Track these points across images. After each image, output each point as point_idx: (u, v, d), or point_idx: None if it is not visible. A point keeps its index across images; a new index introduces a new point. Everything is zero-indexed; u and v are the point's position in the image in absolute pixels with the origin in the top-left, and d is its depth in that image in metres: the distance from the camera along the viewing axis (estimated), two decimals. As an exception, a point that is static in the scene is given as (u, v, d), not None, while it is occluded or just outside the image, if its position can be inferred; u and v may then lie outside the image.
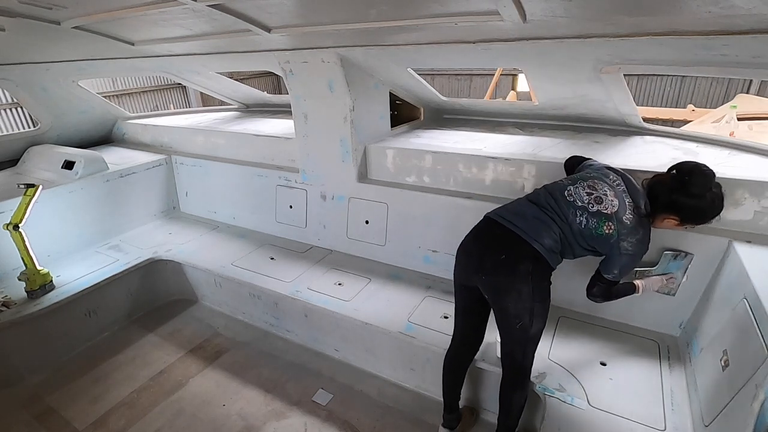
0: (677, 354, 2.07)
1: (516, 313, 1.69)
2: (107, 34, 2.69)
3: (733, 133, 5.03)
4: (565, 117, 3.12)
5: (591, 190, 1.74)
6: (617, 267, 1.73)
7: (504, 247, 1.70)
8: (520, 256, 1.67)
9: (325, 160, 3.05)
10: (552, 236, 1.69)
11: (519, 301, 1.67)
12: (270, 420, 2.37)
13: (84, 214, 3.38)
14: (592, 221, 1.69)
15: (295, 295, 2.71)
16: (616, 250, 1.69)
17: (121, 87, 11.64)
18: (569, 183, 1.81)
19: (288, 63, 2.81)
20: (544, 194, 1.81)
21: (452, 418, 2.13)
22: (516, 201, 1.88)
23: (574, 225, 1.70)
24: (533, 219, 1.72)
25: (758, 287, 1.59)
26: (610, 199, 1.71)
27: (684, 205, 1.67)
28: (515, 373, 1.82)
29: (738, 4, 1.34)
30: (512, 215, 1.77)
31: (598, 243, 1.71)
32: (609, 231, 1.67)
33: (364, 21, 2.04)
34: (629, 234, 1.67)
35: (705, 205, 1.67)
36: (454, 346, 2.04)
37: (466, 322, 1.99)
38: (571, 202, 1.73)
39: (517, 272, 1.66)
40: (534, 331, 1.73)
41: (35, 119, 3.96)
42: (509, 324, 1.74)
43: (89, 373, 2.74)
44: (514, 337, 1.77)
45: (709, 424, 1.57)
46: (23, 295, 2.75)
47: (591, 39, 1.88)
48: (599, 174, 1.81)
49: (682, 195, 1.66)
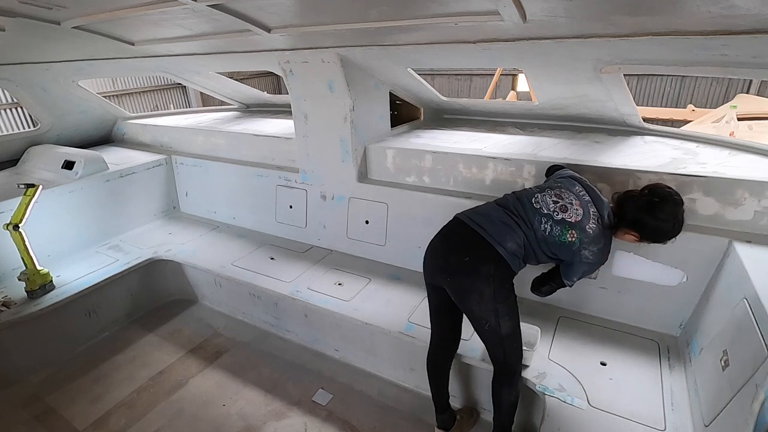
0: (677, 354, 2.07)
1: (480, 314, 1.74)
2: (107, 34, 2.69)
3: (733, 133, 5.03)
4: (565, 117, 3.12)
5: (557, 198, 1.80)
6: (577, 274, 1.82)
7: (468, 249, 1.75)
8: (483, 259, 1.72)
9: (325, 160, 3.05)
10: (516, 241, 1.74)
11: (481, 303, 1.72)
12: (270, 420, 2.37)
13: (84, 214, 3.38)
14: (556, 228, 1.74)
15: (295, 295, 2.71)
16: (578, 257, 1.75)
17: (121, 87, 11.63)
18: (537, 191, 1.87)
19: (288, 63, 2.81)
20: (512, 199, 1.87)
21: (445, 418, 2.15)
22: (486, 204, 1.93)
23: (539, 231, 1.75)
24: (499, 223, 1.77)
25: (758, 287, 1.59)
26: (575, 208, 1.76)
27: (647, 225, 1.74)
28: (501, 371, 1.87)
29: (738, 4, 1.34)
30: (480, 217, 1.81)
31: (561, 250, 1.76)
32: (572, 239, 1.73)
33: (364, 21, 2.04)
34: (591, 243, 1.73)
35: (667, 228, 1.75)
36: (432, 347, 2.09)
37: (439, 320, 2.04)
38: (538, 209, 1.78)
39: (478, 274, 1.71)
40: (505, 330, 1.76)
41: (35, 119, 3.96)
42: (478, 326, 1.79)
43: (89, 373, 2.74)
44: (487, 339, 1.82)
45: (709, 424, 1.57)
46: (23, 295, 2.75)
47: (591, 39, 1.88)
48: (567, 183, 1.88)
49: (648, 216, 1.73)
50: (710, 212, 2.09)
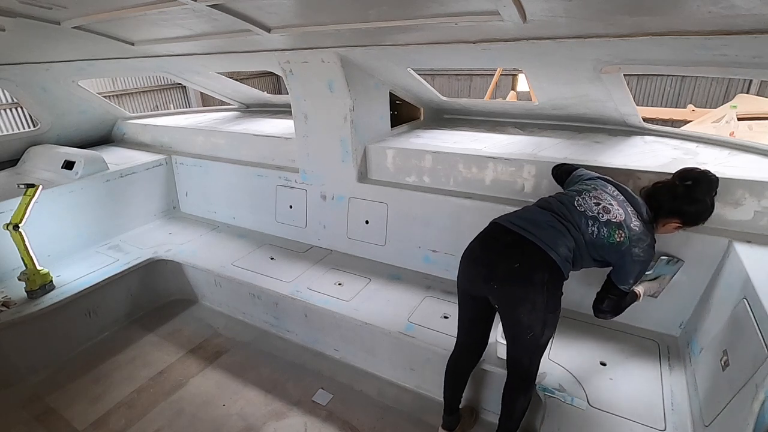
0: (677, 354, 2.07)
1: (529, 324, 1.66)
2: (107, 34, 2.69)
3: (733, 133, 5.02)
4: (565, 117, 3.12)
5: (598, 200, 1.75)
6: (632, 275, 1.72)
7: (518, 256, 1.66)
8: (536, 265, 1.63)
9: (325, 160, 3.05)
10: (567, 245, 1.67)
11: (533, 312, 1.64)
12: (270, 420, 2.37)
13: (84, 214, 3.38)
14: (603, 230, 1.68)
15: (295, 295, 2.71)
16: (629, 257, 1.68)
17: (121, 87, 11.62)
18: (576, 194, 1.81)
19: (288, 63, 2.81)
20: (555, 203, 1.79)
21: (452, 419, 2.13)
22: (525, 208, 1.85)
23: (587, 234, 1.69)
24: (548, 227, 1.69)
25: (758, 287, 1.59)
26: (616, 209, 1.72)
27: (687, 211, 1.74)
28: (521, 379, 1.81)
29: (738, 4, 1.34)
30: (525, 222, 1.73)
31: (610, 252, 1.70)
32: (620, 239, 1.67)
33: (364, 21, 2.04)
34: (639, 240, 1.68)
35: (704, 209, 1.75)
36: (458, 352, 2.02)
37: (471, 329, 1.96)
38: (582, 212, 1.72)
39: (532, 282, 1.62)
40: (543, 340, 1.72)
41: (35, 119, 3.96)
42: (520, 334, 1.71)
43: (89, 373, 2.74)
44: (523, 346, 1.75)
45: (709, 424, 1.57)
46: (23, 295, 2.75)
47: (591, 39, 1.88)
48: (599, 184, 1.84)
49: (686, 202, 1.73)
50: (710, 212, 2.08)
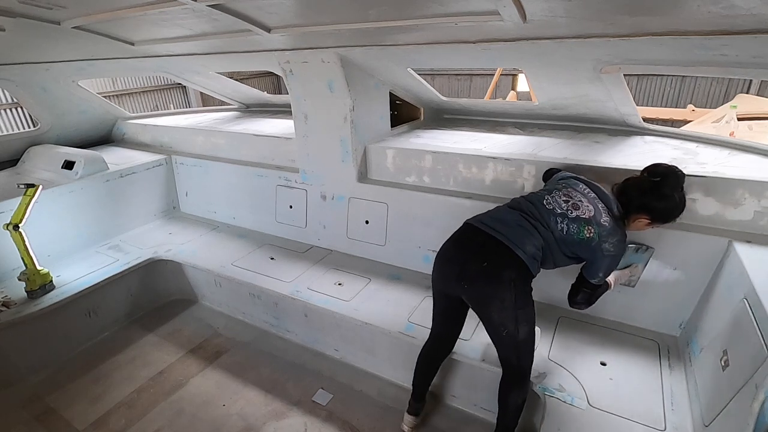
0: (677, 354, 2.07)
1: (500, 321, 1.72)
2: (107, 34, 2.69)
3: (733, 133, 5.03)
4: (565, 117, 3.12)
5: (567, 197, 1.80)
6: (602, 270, 1.77)
7: (486, 255, 1.71)
8: (503, 264, 1.69)
9: (325, 160, 3.05)
10: (534, 244, 1.72)
11: (503, 310, 1.69)
12: (270, 420, 2.37)
13: (84, 214, 3.38)
14: (573, 226, 1.73)
15: (295, 295, 2.71)
16: (599, 252, 1.72)
17: (121, 87, 11.63)
18: (546, 192, 1.87)
19: (288, 63, 2.81)
20: (524, 202, 1.85)
21: (419, 406, 2.23)
22: (496, 208, 1.91)
23: (556, 231, 1.74)
24: (517, 226, 1.75)
25: (758, 287, 1.59)
26: (586, 205, 1.76)
27: (656, 207, 1.76)
28: (513, 375, 1.84)
29: (738, 4, 1.34)
30: (494, 222, 1.78)
31: (580, 248, 1.74)
32: (590, 234, 1.71)
33: (364, 21, 2.04)
34: (609, 235, 1.72)
35: (673, 205, 1.77)
36: (431, 343, 2.10)
37: (444, 323, 2.03)
38: (551, 210, 1.77)
39: (500, 280, 1.68)
40: (522, 336, 1.74)
41: (35, 119, 3.96)
42: (496, 332, 1.77)
43: (89, 373, 2.74)
44: (504, 344, 1.80)
45: (709, 424, 1.57)
46: (23, 295, 2.75)
47: (591, 39, 1.88)
48: (571, 183, 1.89)
49: (654, 197, 1.75)
50: (710, 212, 2.09)
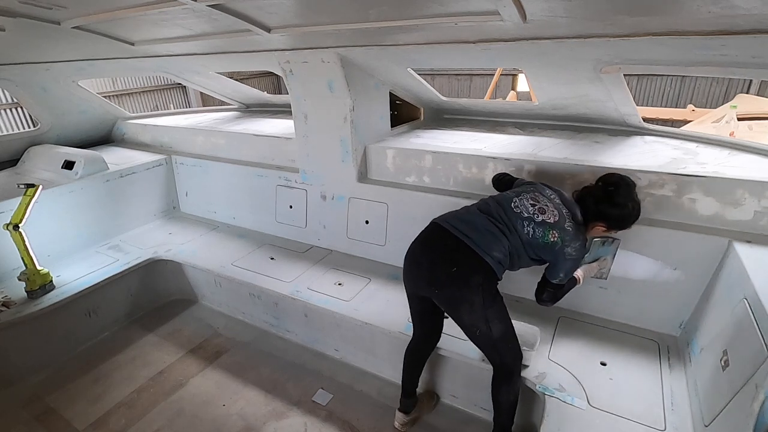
0: (677, 354, 2.07)
1: (471, 322, 1.78)
2: (107, 34, 2.69)
3: (733, 133, 5.03)
4: (565, 117, 3.12)
5: (534, 201, 1.85)
6: (563, 272, 1.83)
7: (455, 260, 1.75)
8: (472, 269, 1.74)
9: (325, 160, 3.05)
10: (501, 250, 1.77)
11: (472, 312, 1.75)
12: (270, 420, 2.37)
13: (84, 214, 3.38)
14: (538, 230, 1.77)
15: (295, 295, 2.71)
16: (562, 256, 1.78)
17: (121, 87, 11.62)
18: (514, 195, 1.90)
19: (288, 63, 2.80)
20: (494, 205, 1.88)
21: (409, 402, 2.25)
22: (465, 209, 1.93)
23: (523, 235, 1.79)
24: (485, 231, 1.78)
25: (758, 287, 1.59)
26: (551, 210, 1.82)
27: (611, 214, 1.82)
28: (499, 373, 1.89)
29: (738, 4, 1.34)
30: (464, 225, 1.81)
31: (544, 251, 1.80)
32: (554, 239, 1.76)
33: (364, 21, 2.04)
34: (572, 240, 1.77)
35: (627, 212, 1.82)
36: (414, 341, 2.15)
37: (423, 321, 2.08)
38: (518, 213, 1.82)
39: (468, 284, 1.73)
40: (497, 333, 1.79)
41: (35, 119, 3.96)
42: (470, 332, 1.83)
43: (89, 373, 2.74)
44: (480, 344, 1.86)
45: (709, 424, 1.57)
46: (23, 295, 2.75)
47: (591, 39, 1.88)
48: (538, 187, 1.93)
49: (608, 205, 1.81)
50: (710, 212, 2.09)
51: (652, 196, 2.18)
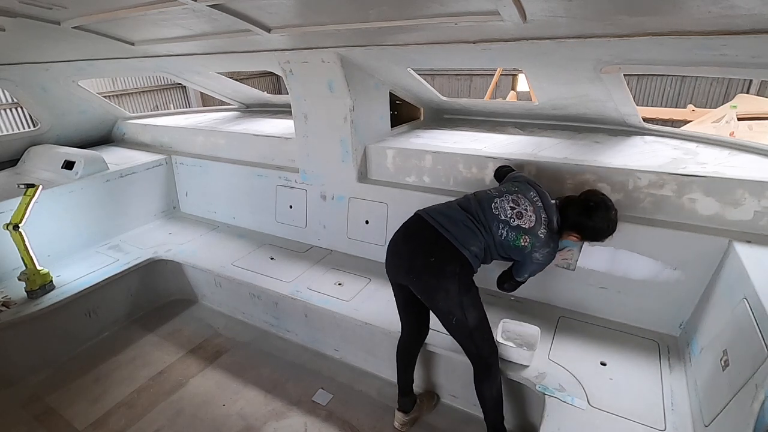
0: (677, 354, 2.07)
1: (447, 309, 1.85)
2: (107, 34, 2.69)
3: (733, 133, 5.03)
4: (565, 117, 3.12)
5: (514, 204, 1.91)
6: (528, 272, 1.97)
7: (434, 251, 1.83)
8: (449, 259, 1.82)
9: (325, 160, 3.05)
10: (478, 245, 1.85)
11: (447, 299, 1.83)
12: (270, 420, 2.37)
13: (84, 214, 3.38)
14: (512, 234, 1.86)
15: (295, 295, 2.71)
16: (529, 259, 1.90)
17: (121, 87, 11.62)
18: (497, 195, 1.97)
19: (288, 63, 2.80)
20: (474, 203, 1.95)
21: (407, 401, 2.27)
22: (448, 204, 2.00)
23: (497, 236, 1.88)
24: (464, 227, 1.86)
25: (758, 287, 1.59)
26: (529, 215, 1.89)
27: (587, 227, 1.92)
28: (478, 366, 1.94)
29: (738, 4, 1.34)
30: (444, 219, 1.89)
31: (514, 253, 1.91)
32: (525, 243, 1.86)
33: (364, 21, 2.04)
34: (542, 246, 1.88)
35: (603, 228, 1.92)
36: (402, 338, 2.19)
37: (407, 315, 2.14)
38: (496, 215, 1.89)
39: (444, 273, 1.81)
40: (472, 322, 1.86)
41: (35, 119, 3.96)
42: (447, 321, 1.89)
43: (89, 373, 2.74)
44: (457, 333, 1.92)
45: (709, 424, 1.57)
46: (23, 295, 2.75)
47: (591, 39, 1.88)
48: (523, 188, 1.99)
49: (587, 219, 1.90)
50: (710, 212, 2.09)
51: (652, 196, 2.19)
